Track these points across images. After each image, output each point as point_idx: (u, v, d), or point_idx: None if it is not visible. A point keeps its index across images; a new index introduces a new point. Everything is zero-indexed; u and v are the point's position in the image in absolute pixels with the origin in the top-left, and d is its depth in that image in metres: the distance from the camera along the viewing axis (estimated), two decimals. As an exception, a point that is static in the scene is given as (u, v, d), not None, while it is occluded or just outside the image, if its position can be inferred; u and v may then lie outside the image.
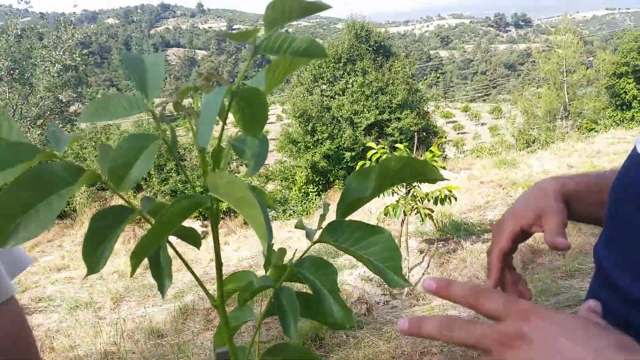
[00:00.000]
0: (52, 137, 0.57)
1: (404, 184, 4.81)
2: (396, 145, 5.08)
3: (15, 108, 14.62)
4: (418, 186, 4.89)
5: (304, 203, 14.85)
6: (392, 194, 5.00)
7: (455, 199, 4.79)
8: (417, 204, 4.82)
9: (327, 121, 17.03)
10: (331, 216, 0.63)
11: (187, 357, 3.51)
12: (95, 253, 0.54)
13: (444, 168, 5.23)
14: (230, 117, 0.56)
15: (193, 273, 0.65)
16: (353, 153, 17.61)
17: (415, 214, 4.90)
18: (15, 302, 1.07)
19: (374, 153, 4.76)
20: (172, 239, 0.62)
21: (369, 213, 8.33)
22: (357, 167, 4.93)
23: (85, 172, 0.52)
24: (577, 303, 3.11)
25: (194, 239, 0.67)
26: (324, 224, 0.65)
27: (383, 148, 4.85)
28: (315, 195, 15.18)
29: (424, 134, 18.45)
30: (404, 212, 4.83)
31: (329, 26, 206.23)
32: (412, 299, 4.40)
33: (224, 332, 0.64)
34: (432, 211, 4.98)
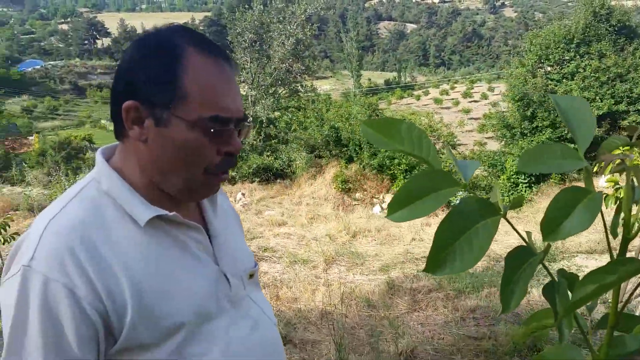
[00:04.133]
0: (461, 166, 0.61)
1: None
2: (654, 148, 4.31)
3: (253, 77, 16.72)
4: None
5: (512, 194, 13.72)
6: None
7: None
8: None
9: (550, 107, 15.41)
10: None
11: (398, 335, 3.64)
12: (505, 290, 0.57)
13: None
14: None
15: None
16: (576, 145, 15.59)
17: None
18: None
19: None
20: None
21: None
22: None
23: (498, 213, 0.55)
24: None
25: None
26: None
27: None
28: (526, 187, 13.90)
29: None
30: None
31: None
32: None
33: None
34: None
